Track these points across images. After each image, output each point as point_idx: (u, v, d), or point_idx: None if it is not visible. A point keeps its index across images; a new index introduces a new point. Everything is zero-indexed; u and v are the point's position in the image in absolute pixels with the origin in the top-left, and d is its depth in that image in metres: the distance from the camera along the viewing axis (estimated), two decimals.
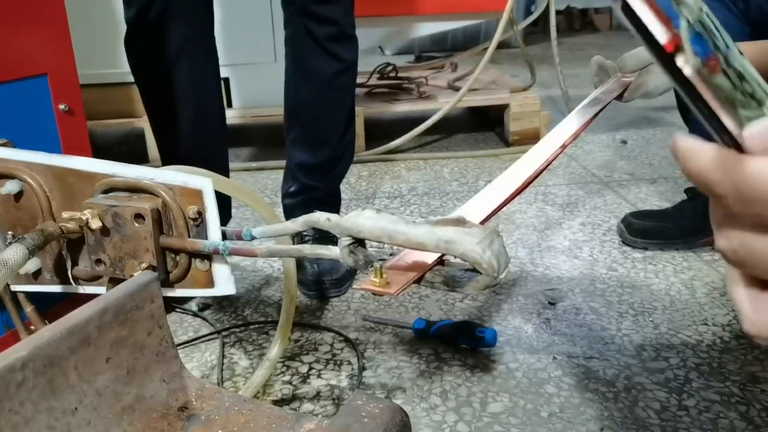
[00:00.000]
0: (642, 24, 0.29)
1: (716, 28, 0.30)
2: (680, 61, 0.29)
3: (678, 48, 0.29)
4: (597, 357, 1.19)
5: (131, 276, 0.74)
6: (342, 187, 1.65)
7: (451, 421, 1.04)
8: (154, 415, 0.62)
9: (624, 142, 2.56)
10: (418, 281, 0.62)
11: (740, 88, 0.30)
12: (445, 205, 1.98)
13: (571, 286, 1.46)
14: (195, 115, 1.41)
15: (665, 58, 0.29)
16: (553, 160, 0.80)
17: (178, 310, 1.40)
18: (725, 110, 0.29)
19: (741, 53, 0.30)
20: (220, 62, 1.48)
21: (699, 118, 0.30)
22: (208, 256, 0.77)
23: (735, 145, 0.29)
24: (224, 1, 1.97)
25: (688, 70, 0.29)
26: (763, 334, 0.30)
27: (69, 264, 0.83)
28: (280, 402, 1.10)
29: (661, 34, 0.29)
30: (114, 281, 0.78)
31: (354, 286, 1.46)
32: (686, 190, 1.73)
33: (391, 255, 0.65)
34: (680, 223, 1.61)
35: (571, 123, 0.90)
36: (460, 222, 0.60)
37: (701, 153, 0.30)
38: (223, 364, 1.21)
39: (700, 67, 0.29)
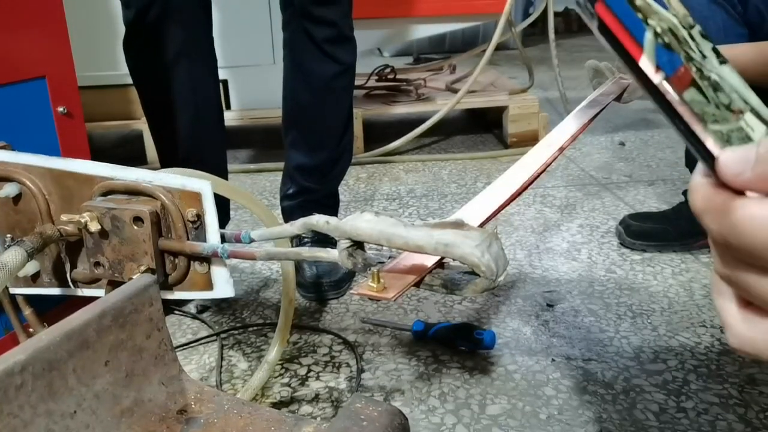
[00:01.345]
0: (617, 42, 0.28)
1: (691, 36, 0.29)
2: (648, 73, 0.29)
3: (643, 59, 0.28)
4: (595, 359, 1.19)
5: (130, 279, 0.74)
6: (340, 188, 1.65)
7: (450, 424, 1.04)
8: (152, 418, 0.62)
9: (622, 144, 2.56)
10: (416, 285, 0.62)
11: (714, 101, 0.29)
12: (444, 206, 1.99)
13: (570, 288, 1.46)
14: (193, 118, 1.41)
15: (639, 74, 0.29)
16: (551, 162, 0.81)
17: (176, 312, 1.40)
18: (700, 125, 0.29)
19: (723, 61, 0.29)
20: (219, 64, 1.48)
21: (681, 138, 0.30)
22: (206, 259, 0.77)
23: (712, 161, 0.29)
24: (223, 4, 1.97)
25: (655, 80, 0.29)
26: (744, 348, 0.31)
27: (68, 267, 0.83)
28: (278, 404, 1.10)
29: (631, 50, 0.28)
30: (113, 284, 0.78)
31: (351, 291, 1.46)
32: (684, 192, 1.73)
33: (389, 258, 0.65)
34: (678, 225, 1.61)
35: (569, 125, 0.90)
36: (459, 225, 0.60)
37: (695, 193, 0.30)
38: (221, 366, 1.21)
39: (668, 81, 0.29)
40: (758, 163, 0.28)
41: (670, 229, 1.62)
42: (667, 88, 0.29)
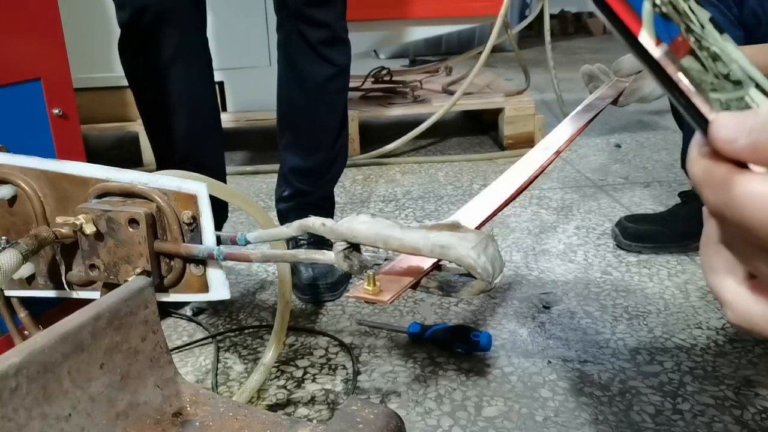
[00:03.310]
0: (612, 12, 0.28)
1: (691, 9, 0.29)
2: (647, 45, 0.28)
3: (643, 31, 0.28)
4: (592, 361, 1.19)
5: (125, 281, 0.74)
6: (336, 190, 1.65)
7: (446, 426, 1.04)
8: (147, 421, 0.62)
9: (618, 146, 2.56)
10: (413, 287, 0.62)
11: (713, 70, 0.29)
12: (440, 208, 1.99)
13: (566, 289, 1.46)
14: (190, 119, 1.41)
15: (635, 44, 0.28)
16: (547, 165, 0.81)
17: (172, 315, 1.39)
18: (699, 95, 0.28)
19: (722, 33, 0.29)
20: (215, 66, 1.48)
21: (681, 112, 0.29)
22: (202, 261, 0.77)
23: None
24: (219, 5, 1.96)
25: (655, 54, 0.28)
26: (742, 324, 0.31)
27: (63, 269, 0.83)
28: (274, 407, 1.10)
29: (628, 20, 0.28)
30: (108, 286, 0.78)
31: (346, 294, 1.46)
32: (680, 194, 1.74)
33: (385, 260, 0.65)
34: (674, 227, 1.62)
35: (565, 128, 0.90)
36: (455, 227, 0.60)
37: (694, 164, 0.29)
38: (217, 368, 1.21)
39: (667, 50, 0.28)
40: (754, 131, 0.26)
41: (665, 231, 1.62)
42: (666, 56, 0.28)
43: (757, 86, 0.29)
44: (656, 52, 0.28)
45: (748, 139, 0.27)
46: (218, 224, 0.76)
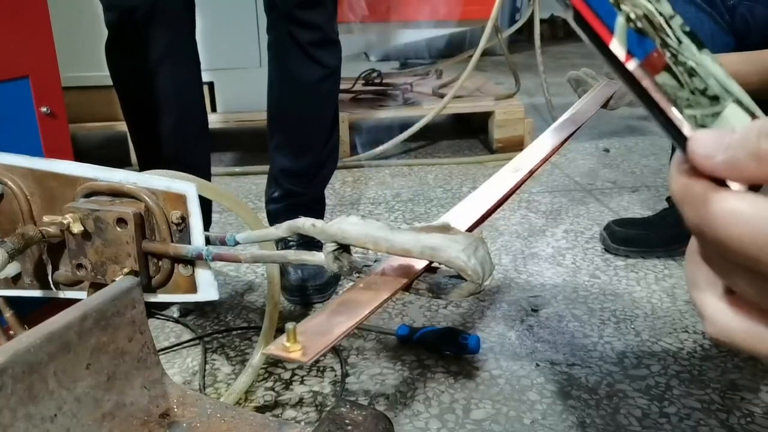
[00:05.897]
0: (590, 29, 0.28)
1: (667, 23, 0.29)
2: (621, 59, 0.29)
3: (615, 46, 0.28)
4: (579, 364, 1.20)
5: (113, 281, 0.73)
6: (326, 192, 1.65)
7: (434, 428, 1.04)
8: (134, 422, 0.61)
9: (607, 150, 2.58)
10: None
11: (689, 86, 0.29)
12: (430, 211, 1.99)
13: (554, 293, 1.46)
14: (177, 121, 1.40)
15: (611, 59, 0.29)
16: (535, 170, 0.81)
17: (159, 316, 1.39)
18: (675, 110, 0.29)
19: (701, 48, 0.29)
20: (206, 67, 1.47)
21: (660, 128, 0.30)
22: (191, 262, 0.76)
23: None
24: (210, 6, 1.96)
25: (629, 66, 0.29)
26: (721, 338, 0.31)
27: (49, 268, 0.82)
28: (262, 408, 1.10)
29: (604, 36, 0.28)
30: (95, 286, 0.77)
31: (262, 351, 1.40)
32: (668, 199, 1.75)
33: (375, 261, 0.65)
34: (662, 232, 1.62)
35: (553, 136, 0.91)
36: (445, 228, 0.59)
37: (674, 181, 0.29)
38: (205, 370, 1.20)
39: (640, 66, 0.29)
40: (731, 147, 0.27)
41: (653, 236, 1.63)
42: (639, 72, 0.29)
43: (736, 101, 0.29)
44: (630, 65, 0.29)
45: (725, 155, 0.27)
46: (203, 229, 0.76)
